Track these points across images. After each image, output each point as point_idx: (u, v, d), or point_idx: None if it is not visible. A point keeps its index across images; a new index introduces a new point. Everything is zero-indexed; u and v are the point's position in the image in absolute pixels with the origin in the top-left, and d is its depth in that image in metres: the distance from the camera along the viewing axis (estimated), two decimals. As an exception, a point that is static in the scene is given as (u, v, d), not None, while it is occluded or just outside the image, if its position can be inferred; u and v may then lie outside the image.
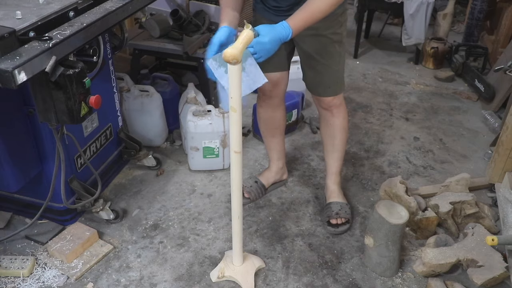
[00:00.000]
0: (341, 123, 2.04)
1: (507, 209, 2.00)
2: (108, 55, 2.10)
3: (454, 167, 2.55)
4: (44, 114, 1.62)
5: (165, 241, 2.01)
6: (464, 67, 3.51)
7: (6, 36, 1.40)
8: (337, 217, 2.05)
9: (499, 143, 2.27)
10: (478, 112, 3.12)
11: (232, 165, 1.57)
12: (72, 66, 1.55)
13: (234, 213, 1.69)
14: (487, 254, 1.78)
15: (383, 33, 4.43)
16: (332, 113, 2.01)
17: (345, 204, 2.12)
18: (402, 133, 2.86)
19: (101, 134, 2.16)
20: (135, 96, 2.46)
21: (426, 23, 3.58)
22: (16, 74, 1.33)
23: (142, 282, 1.81)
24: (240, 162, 1.56)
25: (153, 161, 2.41)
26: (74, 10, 1.70)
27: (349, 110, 3.09)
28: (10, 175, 1.79)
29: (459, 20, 4.70)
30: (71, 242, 1.89)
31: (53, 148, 1.77)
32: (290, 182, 2.39)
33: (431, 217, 1.99)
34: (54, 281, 1.79)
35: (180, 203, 2.23)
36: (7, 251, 1.93)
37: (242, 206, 1.68)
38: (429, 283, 1.79)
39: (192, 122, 2.29)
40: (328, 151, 2.14)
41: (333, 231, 2.05)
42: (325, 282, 1.83)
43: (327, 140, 2.11)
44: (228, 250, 1.90)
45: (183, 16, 2.78)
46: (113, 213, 2.06)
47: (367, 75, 3.64)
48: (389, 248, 1.78)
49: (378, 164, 2.55)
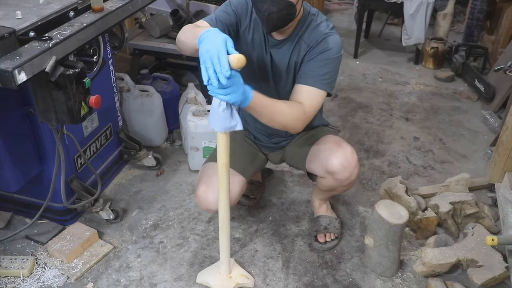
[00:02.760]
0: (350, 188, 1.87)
1: (507, 209, 2.00)
2: (108, 55, 2.09)
3: (454, 167, 2.55)
4: (44, 114, 1.62)
5: (165, 241, 2.01)
6: (464, 67, 3.51)
7: (6, 36, 1.40)
8: (325, 232, 1.98)
9: (499, 143, 2.27)
10: (478, 112, 3.12)
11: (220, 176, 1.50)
12: (72, 66, 1.55)
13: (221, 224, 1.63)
14: (487, 254, 1.78)
15: (383, 33, 4.43)
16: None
17: (334, 219, 2.05)
18: (402, 133, 2.86)
19: (101, 134, 2.16)
20: (135, 96, 2.46)
21: (426, 23, 3.59)
22: (16, 74, 1.33)
23: (142, 282, 1.81)
24: (228, 173, 1.50)
25: (153, 161, 2.41)
26: (74, 10, 1.71)
27: (349, 110, 3.09)
28: (10, 175, 1.78)
29: (459, 20, 4.70)
30: (71, 242, 1.89)
31: (53, 148, 1.77)
32: (290, 182, 2.39)
33: (431, 217, 1.99)
34: (54, 281, 1.79)
35: (180, 203, 2.23)
36: (7, 251, 1.93)
37: (229, 219, 1.61)
38: (429, 283, 1.79)
39: (192, 122, 2.29)
40: (320, 191, 1.98)
41: (320, 247, 1.96)
42: (325, 282, 1.83)
43: (324, 189, 1.90)
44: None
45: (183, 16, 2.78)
46: (113, 213, 2.06)
47: (367, 75, 3.64)
48: (389, 248, 1.77)
49: (378, 164, 2.55)
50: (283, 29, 1.56)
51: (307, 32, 1.60)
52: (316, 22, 1.61)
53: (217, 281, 1.76)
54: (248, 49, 1.65)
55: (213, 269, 1.81)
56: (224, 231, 1.64)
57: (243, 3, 1.62)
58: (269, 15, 1.47)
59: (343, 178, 1.73)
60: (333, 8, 5.15)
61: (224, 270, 1.77)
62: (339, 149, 1.73)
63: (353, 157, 1.73)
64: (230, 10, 1.61)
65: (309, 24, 1.61)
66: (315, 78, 1.55)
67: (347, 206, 2.24)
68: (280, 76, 1.69)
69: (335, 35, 1.59)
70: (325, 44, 1.56)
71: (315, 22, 1.61)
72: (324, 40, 1.57)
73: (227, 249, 1.70)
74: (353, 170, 1.72)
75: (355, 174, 1.74)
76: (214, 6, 2.92)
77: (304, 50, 1.60)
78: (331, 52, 1.56)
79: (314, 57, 1.57)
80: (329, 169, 1.72)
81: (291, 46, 1.62)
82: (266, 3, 1.46)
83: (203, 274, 1.81)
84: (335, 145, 1.75)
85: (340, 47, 1.58)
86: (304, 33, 1.60)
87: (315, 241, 1.99)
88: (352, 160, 1.72)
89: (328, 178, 1.77)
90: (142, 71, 2.78)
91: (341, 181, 1.74)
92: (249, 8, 1.63)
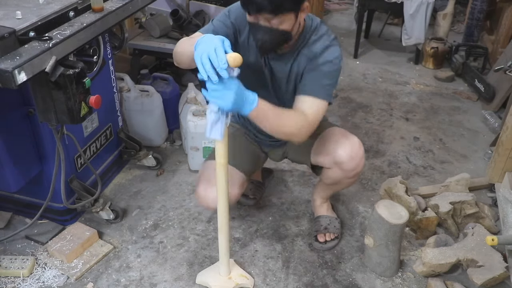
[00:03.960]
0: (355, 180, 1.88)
1: (507, 209, 2.00)
2: (108, 55, 2.09)
3: (454, 167, 2.55)
4: (44, 114, 1.62)
5: (165, 241, 2.01)
6: (464, 67, 3.51)
7: (6, 36, 1.40)
8: (325, 232, 1.98)
9: (499, 143, 2.27)
10: (478, 112, 3.12)
11: (219, 176, 1.50)
12: (72, 66, 1.55)
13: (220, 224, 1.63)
14: (487, 254, 1.78)
15: (383, 33, 4.43)
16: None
17: (334, 219, 2.06)
18: (402, 133, 2.86)
19: (101, 134, 2.16)
20: (135, 96, 2.46)
21: (426, 23, 3.59)
22: (16, 74, 1.33)
23: (142, 282, 1.81)
24: (226, 173, 1.50)
25: (153, 161, 2.41)
26: (74, 10, 1.71)
27: (349, 110, 3.09)
28: (10, 175, 1.78)
29: (459, 20, 4.70)
30: (71, 242, 1.89)
31: (53, 148, 1.77)
32: (290, 182, 2.39)
33: (431, 217, 1.99)
34: (54, 281, 1.79)
35: (180, 203, 2.23)
36: (7, 251, 1.93)
37: (228, 220, 1.62)
38: (429, 283, 1.79)
39: (192, 122, 2.29)
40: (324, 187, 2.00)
41: (320, 247, 1.97)
42: (325, 282, 1.83)
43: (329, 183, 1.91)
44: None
45: (183, 16, 2.79)
46: (113, 213, 2.06)
47: (367, 75, 3.64)
48: (389, 248, 1.77)
49: (378, 164, 2.55)
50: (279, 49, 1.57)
51: (307, 46, 1.59)
52: (316, 36, 1.59)
53: (217, 282, 1.76)
54: (248, 58, 1.63)
55: (213, 270, 1.81)
56: (223, 231, 1.64)
57: (242, 14, 1.58)
58: (263, 44, 1.47)
59: (350, 169, 1.74)
60: (333, 8, 5.14)
61: (223, 271, 1.77)
62: (346, 140, 1.75)
63: (360, 148, 1.76)
64: (228, 22, 1.60)
65: (309, 39, 1.60)
66: (317, 89, 1.55)
67: (347, 206, 2.24)
68: (280, 85, 1.69)
69: (336, 46, 1.59)
70: (326, 56, 1.56)
71: (315, 36, 1.59)
72: (325, 52, 1.57)
73: (227, 250, 1.70)
74: (360, 161, 1.75)
75: (361, 165, 1.77)
76: (214, 6, 2.92)
77: (304, 62, 1.60)
78: (332, 64, 1.56)
79: (315, 67, 1.57)
80: (336, 159, 1.74)
81: (291, 58, 1.61)
82: (260, 32, 1.46)
83: (203, 274, 1.81)
84: (342, 136, 1.77)
85: (340, 58, 1.59)
86: (304, 48, 1.60)
87: (315, 241, 1.99)
88: (359, 151, 1.75)
89: (335, 169, 1.78)
90: (142, 71, 2.79)
91: (348, 172, 1.76)
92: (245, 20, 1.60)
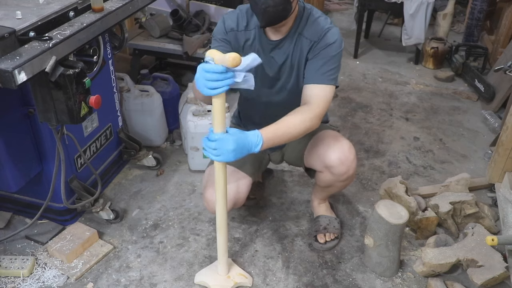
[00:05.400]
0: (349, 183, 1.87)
1: (507, 209, 2.00)
2: (108, 55, 2.09)
3: (454, 167, 2.55)
4: (44, 114, 1.62)
5: (165, 241, 2.01)
6: (464, 67, 3.51)
7: (6, 36, 1.40)
8: (325, 232, 1.98)
9: (499, 143, 2.27)
10: (478, 112, 3.12)
11: (217, 177, 1.51)
12: (72, 66, 1.55)
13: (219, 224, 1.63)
14: (487, 254, 1.78)
15: (383, 33, 4.43)
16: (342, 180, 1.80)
17: (333, 219, 2.05)
18: (402, 133, 2.86)
19: (101, 134, 2.16)
20: (135, 96, 2.46)
21: (426, 23, 3.59)
22: (16, 74, 1.33)
23: (142, 282, 1.81)
24: (225, 174, 1.51)
25: (153, 161, 2.41)
26: (74, 10, 1.71)
27: (349, 110, 3.09)
28: (10, 175, 1.79)
29: (459, 20, 4.70)
30: (71, 242, 1.89)
31: (53, 148, 1.77)
32: (290, 182, 2.39)
33: (431, 217, 1.99)
34: (54, 281, 1.79)
35: (180, 203, 2.23)
36: (7, 251, 1.93)
37: (227, 219, 1.62)
38: (429, 283, 1.79)
39: (192, 122, 2.29)
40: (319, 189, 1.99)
41: (320, 247, 1.96)
42: (325, 282, 1.83)
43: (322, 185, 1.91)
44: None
45: (183, 16, 2.79)
46: (113, 213, 2.06)
47: (367, 75, 3.64)
48: (389, 248, 1.77)
49: (378, 164, 2.55)
50: (277, 26, 1.57)
51: (307, 26, 1.61)
52: (314, 17, 1.62)
53: (216, 281, 1.76)
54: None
55: (211, 269, 1.81)
56: (222, 230, 1.64)
57: (230, 26, 1.64)
58: (266, 8, 1.48)
59: (340, 173, 1.73)
60: (333, 8, 5.14)
61: (222, 270, 1.77)
62: (336, 144, 1.73)
63: (351, 152, 1.73)
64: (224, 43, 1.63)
65: (307, 19, 1.62)
66: (322, 76, 1.57)
67: (347, 206, 2.24)
68: (283, 73, 1.70)
69: (335, 28, 1.62)
70: (327, 39, 1.58)
71: (312, 16, 1.62)
72: (326, 34, 1.59)
73: (225, 249, 1.70)
74: (351, 165, 1.72)
75: (352, 169, 1.74)
76: (214, 6, 2.93)
77: (306, 46, 1.61)
78: (334, 47, 1.59)
79: (318, 52, 1.59)
80: (326, 163, 1.73)
81: (292, 44, 1.63)
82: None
83: (201, 274, 1.81)
84: (332, 139, 1.76)
85: (341, 40, 1.62)
86: (303, 29, 1.61)
87: (315, 241, 1.99)
88: (350, 155, 1.72)
89: (325, 173, 1.77)
90: (142, 71, 2.79)
91: (339, 176, 1.74)
92: (242, 25, 1.64)
